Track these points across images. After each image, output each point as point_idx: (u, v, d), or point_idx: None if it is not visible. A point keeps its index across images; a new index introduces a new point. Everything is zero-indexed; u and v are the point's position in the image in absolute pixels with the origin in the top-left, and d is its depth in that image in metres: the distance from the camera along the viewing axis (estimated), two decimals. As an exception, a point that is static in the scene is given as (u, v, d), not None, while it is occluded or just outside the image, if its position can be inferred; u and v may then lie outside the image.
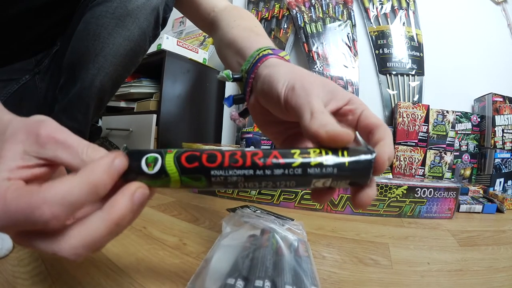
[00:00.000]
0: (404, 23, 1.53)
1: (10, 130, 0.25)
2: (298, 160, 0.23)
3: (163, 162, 0.23)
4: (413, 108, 1.36)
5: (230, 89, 1.73)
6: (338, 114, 0.31)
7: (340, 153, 0.23)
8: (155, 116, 1.42)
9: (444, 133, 1.38)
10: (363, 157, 0.23)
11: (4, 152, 0.23)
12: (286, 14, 1.65)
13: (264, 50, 0.39)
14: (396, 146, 1.35)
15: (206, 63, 1.69)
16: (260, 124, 0.41)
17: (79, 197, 0.21)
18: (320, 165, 0.23)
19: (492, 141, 1.33)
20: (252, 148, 0.25)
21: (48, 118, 0.26)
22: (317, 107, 0.28)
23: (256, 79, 0.37)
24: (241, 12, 0.63)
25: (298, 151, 0.24)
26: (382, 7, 1.56)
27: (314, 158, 0.23)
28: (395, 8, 1.55)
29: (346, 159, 0.23)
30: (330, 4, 1.60)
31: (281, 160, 0.23)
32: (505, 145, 1.33)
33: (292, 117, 0.32)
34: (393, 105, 1.50)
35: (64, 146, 0.24)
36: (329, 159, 0.23)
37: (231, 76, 0.40)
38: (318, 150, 0.24)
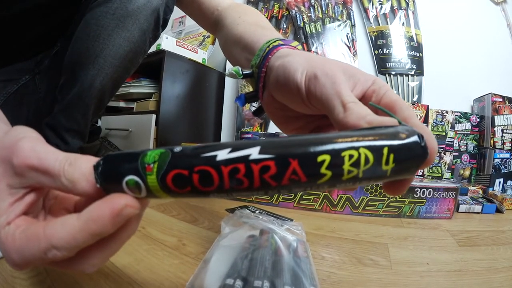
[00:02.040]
0: (403, 23, 1.53)
1: None
2: (326, 175, 0.17)
3: (147, 186, 0.19)
4: (412, 108, 1.36)
5: (230, 88, 1.73)
6: (363, 98, 0.28)
7: (384, 160, 0.17)
8: (154, 116, 1.42)
9: (444, 133, 1.38)
10: (411, 163, 0.19)
11: None
12: (285, 14, 1.65)
13: (274, 42, 0.37)
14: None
15: (206, 63, 1.69)
16: (278, 121, 0.39)
17: (83, 242, 0.20)
18: (353, 179, 0.17)
19: (492, 141, 1.33)
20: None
21: (21, 136, 0.23)
22: (347, 97, 0.25)
23: (268, 72, 0.35)
24: (245, 8, 0.61)
25: (327, 160, 0.17)
26: (381, 7, 1.56)
27: (348, 169, 0.17)
28: (395, 8, 1.55)
29: (389, 168, 0.18)
30: (329, 4, 1.60)
31: (303, 178, 0.17)
32: (504, 145, 1.33)
33: (316, 110, 0.30)
34: (392, 105, 1.50)
35: (41, 172, 0.22)
36: (367, 171, 0.17)
37: (241, 72, 0.37)
38: (355, 155, 0.17)
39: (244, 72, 0.37)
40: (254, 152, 0.17)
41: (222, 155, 0.18)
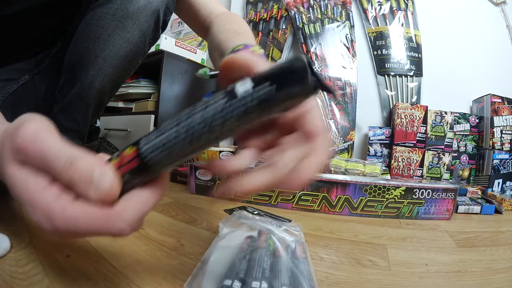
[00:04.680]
0: (402, 24, 1.54)
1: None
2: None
3: None
4: (411, 109, 1.37)
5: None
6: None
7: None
8: (153, 116, 1.42)
9: (443, 134, 1.38)
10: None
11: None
12: (284, 15, 1.65)
13: (237, 47, 0.41)
14: (394, 147, 1.35)
15: (204, 64, 1.69)
16: None
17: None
18: None
19: (491, 142, 1.33)
20: None
21: (27, 123, 0.24)
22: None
23: None
24: (231, 17, 0.66)
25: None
26: (380, 8, 1.56)
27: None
28: (394, 9, 1.55)
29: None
30: (328, 5, 1.60)
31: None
32: (503, 146, 1.33)
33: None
34: (391, 106, 1.50)
35: (43, 159, 0.23)
36: None
37: (208, 73, 0.41)
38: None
39: (211, 73, 0.41)
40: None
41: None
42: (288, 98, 0.20)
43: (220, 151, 1.26)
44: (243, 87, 0.20)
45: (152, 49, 1.46)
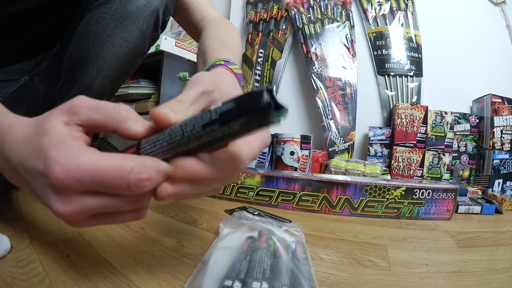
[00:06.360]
0: (402, 24, 1.53)
1: (42, 119, 0.27)
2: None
3: None
4: (411, 109, 1.37)
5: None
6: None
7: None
8: (153, 117, 1.42)
9: (443, 134, 1.38)
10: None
11: (50, 128, 0.25)
12: (284, 15, 1.65)
13: (219, 61, 0.45)
14: (394, 148, 1.35)
15: (205, 64, 1.69)
16: None
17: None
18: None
19: (491, 142, 1.33)
20: None
21: (79, 96, 0.28)
22: (179, 96, 0.32)
23: None
24: (223, 25, 0.68)
25: None
26: (380, 8, 1.56)
27: None
28: (394, 9, 1.55)
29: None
30: (328, 5, 1.60)
31: None
32: (503, 146, 1.33)
33: None
34: (391, 106, 1.50)
35: (96, 109, 0.27)
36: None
37: (187, 78, 0.44)
38: None
39: (189, 78, 0.42)
40: None
41: None
42: (245, 112, 0.22)
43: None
44: (215, 105, 0.24)
45: (152, 49, 1.46)
